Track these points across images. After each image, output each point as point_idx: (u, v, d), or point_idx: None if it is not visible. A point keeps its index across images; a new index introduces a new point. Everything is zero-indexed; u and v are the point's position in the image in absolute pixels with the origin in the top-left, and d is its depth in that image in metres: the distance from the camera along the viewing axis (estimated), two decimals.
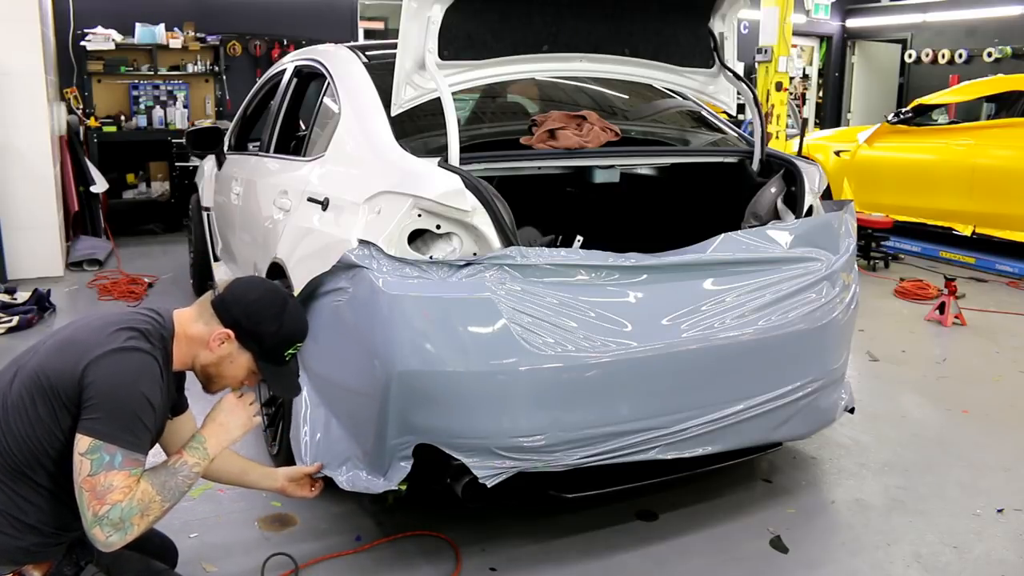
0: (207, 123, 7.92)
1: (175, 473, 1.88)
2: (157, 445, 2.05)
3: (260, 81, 4.84)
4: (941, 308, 5.42)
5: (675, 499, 3.00)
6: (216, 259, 5.08)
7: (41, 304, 5.31)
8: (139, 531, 1.78)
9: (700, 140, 3.49)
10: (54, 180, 6.40)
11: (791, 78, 8.09)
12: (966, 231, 7.12)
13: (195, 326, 2.01)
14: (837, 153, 8.11)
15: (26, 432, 1.81)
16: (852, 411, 3.24)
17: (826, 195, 5.21)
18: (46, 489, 1.85)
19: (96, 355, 1.79)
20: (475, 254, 2.48)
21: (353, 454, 2.57)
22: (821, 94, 13.67)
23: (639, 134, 3.33)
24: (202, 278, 5.43)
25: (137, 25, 8.10)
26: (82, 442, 1.75)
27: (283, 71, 4.25)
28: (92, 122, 7.95)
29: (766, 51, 7.60)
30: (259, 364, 2.03)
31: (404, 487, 2.46)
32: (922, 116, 7.76)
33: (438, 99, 2.62)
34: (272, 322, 2.01)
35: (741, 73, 3.42)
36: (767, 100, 7.67)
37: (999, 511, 3.00)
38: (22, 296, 5.42)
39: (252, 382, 2.11)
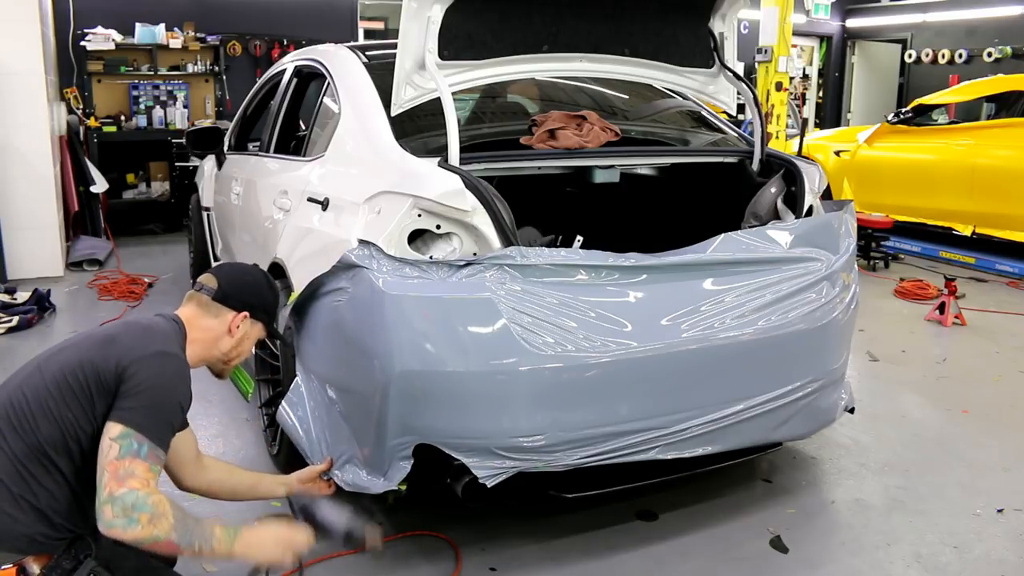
0: (207, 123, 7.92)
1: (199, 524, 1.91)
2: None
3: (260, 81, 4.84)
4: (941, 308, 5.42)
5: (675, 499, 3.00)
6: (216, 259, 5.08)
7: (41, 304, 5.31)
8: (138, 535, 1.79)
9: (700, 140, 3.49)
10: (54, 180, 6.40)
11: (791, 78, 8.09)
12: (966, 231, 7.12)
13: (204, 321, 2.18)
14: (837, 153, 8.11)
15: (60, 412, 1.88)
16: (852, 411, 3.24)
17: (826, 195, 5.22)
18: (63, 476, 1.90)
19: (142, 354, 1.93)
20: (475, 254, 2.48)
21: (353, 454, 2.57)
22: (821, 94, 13.67)
23: (639, 134, 3.33)
24: None
25: (137, 25, 8.10)
26: (114, 428, 1.85)
27: (283, 71, 4.25)
28: (92, 122, 7.95)
29: (766, 51, 7.60)
30: (270, 328, 2.34)
31: (404, 487, 2.46)
32: (922, 116, 7.75)
33: (438, 99, 2.62)
34: (270, 291, 2.33)
35: (741, 73, 3.42)
36: (767, 100, 7.67)
37: (999, 511, 3.00)
38: (22, 296, 5.41)
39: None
